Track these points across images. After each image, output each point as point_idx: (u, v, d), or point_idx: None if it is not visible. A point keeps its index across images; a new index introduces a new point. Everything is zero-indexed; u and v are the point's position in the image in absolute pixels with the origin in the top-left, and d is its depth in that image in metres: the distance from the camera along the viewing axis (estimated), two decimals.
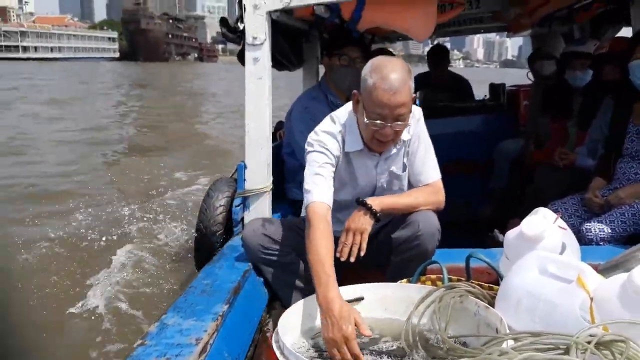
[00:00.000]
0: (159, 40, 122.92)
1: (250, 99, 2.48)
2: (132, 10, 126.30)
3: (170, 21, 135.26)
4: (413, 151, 2.11)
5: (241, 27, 2.46)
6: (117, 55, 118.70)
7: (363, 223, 1.92)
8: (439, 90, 4.94)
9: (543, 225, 1.80)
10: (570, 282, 1.45)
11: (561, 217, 2.00)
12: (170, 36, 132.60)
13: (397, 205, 2.03)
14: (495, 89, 5.13)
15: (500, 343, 1.34)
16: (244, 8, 2.42)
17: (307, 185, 1.93)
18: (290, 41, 3.25)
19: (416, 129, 2.09)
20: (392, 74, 1.80)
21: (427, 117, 4.74)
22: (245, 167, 2.49)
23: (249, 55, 2.47)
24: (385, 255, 2.10)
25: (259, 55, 2.46)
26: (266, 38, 2.44)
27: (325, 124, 2.06)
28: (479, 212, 4.12)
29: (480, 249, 2.18)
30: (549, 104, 3.89)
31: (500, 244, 2.49)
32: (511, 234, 1.88)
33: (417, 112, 2.09)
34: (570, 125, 3.78)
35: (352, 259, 1.87)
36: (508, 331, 1.43)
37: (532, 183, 3.48)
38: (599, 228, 2.61)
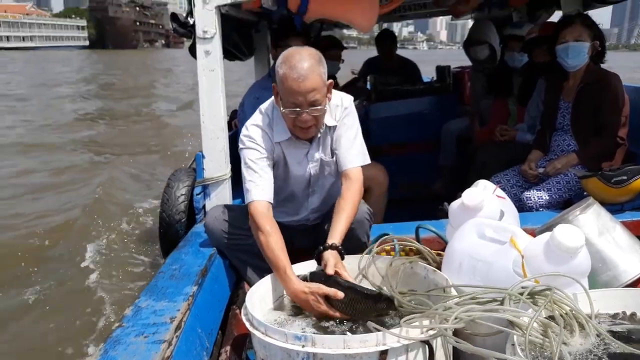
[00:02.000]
0: (127, 28, 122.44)
1: (203, 91, 2.53)
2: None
3: (138, 9, 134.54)
4: (339, 136, 2.14)
5: (191, 22, 2.53)
6: (87, 43, 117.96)
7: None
8: (389, 73, 5.09)
9: (482, 195, 1.97)
10: (504, 243, 1.63)
11: (503, 188, 2.19)
12: (138, 24, 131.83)
13: (346, 229, 2.00)
14: (441, 70, 5.32)
15: (446, 300, 1.50)
16: (194, 3, 2.48)
17: (246, 184, 2.02)
18: (241, 32, 3.33)
19: (343, 117, 2.13)
20: (299, 63, 1.87)
21: (377, 100, 4.90)
22: (203, 156, 2.57)
23: (200, 48, 2.52)
24: None
25: (210, 48, 2.52)
26: (216, 31, 2.50)
27: (254, 117, 2.13)
28: (430, 189, 4.33)
29: (431, 220, 2.36)
30: (491, 85, 4.12)
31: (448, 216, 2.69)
32: (454, 204, 2.05)
33: (346, 100, 2.15)
34: (511, 104, 4.02)
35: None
36: (453, 290, 1.60)
37: (476, 158, 3.69)
38: (537, 195, 2.84)
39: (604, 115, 2.85)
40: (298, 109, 1.92)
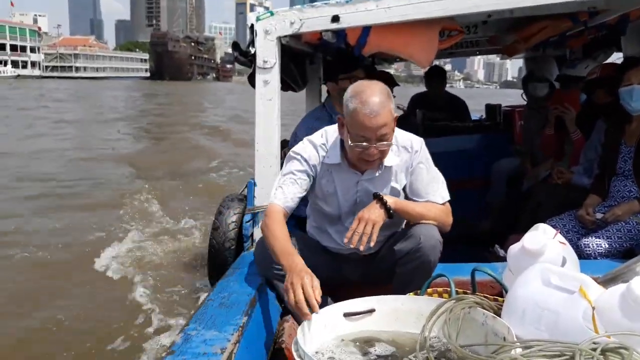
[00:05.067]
0: (183, 62, 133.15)
1: (260, 120, 2.57)
2: (160, 35, 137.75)
3: (193, 44, 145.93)
4: (415, 179, 2.20)
5: (252, 52, 2.57)
6: (148, 74, 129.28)
7: (377, 215, 2.00)
8: (437, 110, 5.05)
9: (544, 240, 1.90)
10: (573, 292, 1.54)
11: (559, 233, 2.10)
12: (193, 58, 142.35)
13: (409, 210, 2.13)
14: (491, 109, 5.26)
15: (509, 350, 1.42)
16: (256, 33, 2.53)
17: (275, 187, 2.12)
18: (296, 63, 3.37)
19: (417, 160, 2.18)
20: (371, 98, 1.90)
21: (425, 136, 4.87)
22: (254, 184, 2.58)
23: (259, 77, 2.57)
24: (387, 270, 2.19)
25: (269, 78, 2.56)
26: (276, 61, 2.55)
27: (315, 135, 2.20)
28: (477, 227, 4.21)
29: (483, 263, 2.28)
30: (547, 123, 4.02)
31: (500, 259, 2.60)
32: (514, 248, 1.98)
33: (416, 143, 2.19)
34: (567, 143, 3.91)
35: (362, 248, 1.95)
36: (515, 340, 1.51)
37: (529, 200, 3.58)
38: (596, 243, 2.72)
39: None
40: (366, 144, 1.94)
